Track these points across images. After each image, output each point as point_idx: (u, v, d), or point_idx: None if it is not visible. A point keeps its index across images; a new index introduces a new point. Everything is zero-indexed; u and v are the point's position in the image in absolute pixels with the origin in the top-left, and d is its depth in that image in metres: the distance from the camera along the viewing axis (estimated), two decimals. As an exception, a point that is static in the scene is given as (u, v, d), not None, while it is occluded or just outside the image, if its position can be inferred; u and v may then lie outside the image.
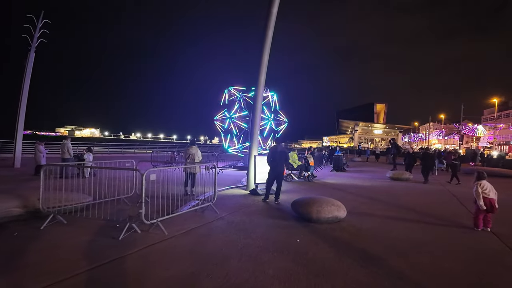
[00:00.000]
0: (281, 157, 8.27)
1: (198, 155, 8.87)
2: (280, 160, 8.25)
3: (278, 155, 8.23)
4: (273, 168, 8.27)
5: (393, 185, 12.81)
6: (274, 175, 8.28)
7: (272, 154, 8.28)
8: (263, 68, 9.76)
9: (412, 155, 15.80)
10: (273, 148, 8.46)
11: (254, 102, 9.96)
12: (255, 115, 9.91)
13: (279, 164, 8.26)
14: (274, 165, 8.24)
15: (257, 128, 9.93)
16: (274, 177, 8.32)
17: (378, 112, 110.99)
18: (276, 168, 8.25)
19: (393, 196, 10.08)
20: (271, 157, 8.26)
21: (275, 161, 8.21)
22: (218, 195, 9.02)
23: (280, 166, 8.29)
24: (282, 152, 8.34)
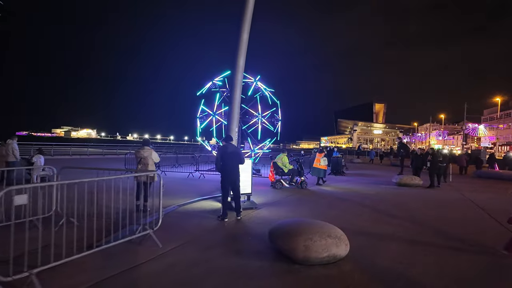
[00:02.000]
0: (234, 159, 6.29)
1: (153, 158, 6.79)
2: (233, 164, 6.29)
3: (230, 157, 6.25)
4: (225, 175, 6.30)
5: (402, 193, 10.76)
6: (227, 183, 6.33)
7: (222, 156, 6.28)
8: (242, 48, 7.73)
9: (420, 157, 13.77)
10: (222, 149, 6.43)
11: (231, 91, 7.91)
12: (232, 108, 7.86)
13: (233, 168, 6.30)
14: (225, 170, 6.27)
15: (235, 125, 7.88)
16: (229, 186, 6.37)
17: (377, 112, 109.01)
18: (230, 174, 6.28)
19: (406, 209, 8.03)
20: (221, 161, 6.29)
21: (226, 165, 6.25)
22: (182, 210, 7.00)
23: (234, 171, 6.32)
24: (234, 153, 6.32)
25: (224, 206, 6.23)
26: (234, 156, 6.29)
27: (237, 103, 7.89)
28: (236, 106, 7.87)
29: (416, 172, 13.60)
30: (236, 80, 7.82)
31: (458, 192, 11.34)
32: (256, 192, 9.72)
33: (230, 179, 6.28)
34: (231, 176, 6.26)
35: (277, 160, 11.25)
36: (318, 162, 12.37)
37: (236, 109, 7.89)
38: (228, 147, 6.34)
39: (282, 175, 11.17)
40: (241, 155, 6.41)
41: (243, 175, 7.40)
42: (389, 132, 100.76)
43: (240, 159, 6.37)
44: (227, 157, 6.22)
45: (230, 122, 7.83)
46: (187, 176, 13.70)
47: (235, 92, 7.84)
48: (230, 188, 6.38)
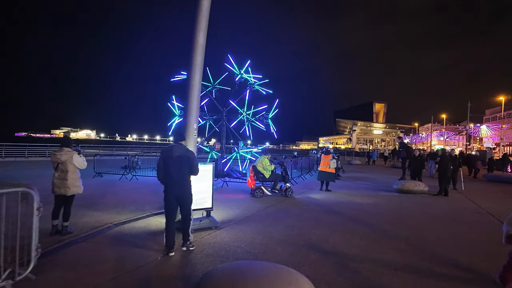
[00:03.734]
0: (182, 167, 4.53)
1: (75, 164, 5.10)
2: (181, 173, 4.52)
3: (176, 163, 4.48)
4: (170, 188, 4.51)
5: (405, 203, 9.06)
6: (173, 198, 4.51)
7: (165, 162, 4.52)
8: (202, 20, 6.06)
9: (418, 159, 12.07)
10: (166, 152, 4.60)
11: (188, 76, 6.21)
12: (189, 98, 6.17)
13: (181, 179, 4.53)
14: (170, 182, 4.50)
15: (194, 119, 6.18)
16: (175, 203, 4.56)
17: (377, 112, 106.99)
18: (176, 187, 4.49)
19: (410, 225, 6.33)
20: (163, 168, 4.53)
21: (171, 175, 4.46)
22: (117, 232, 5.30)
23: (182, 183, 4.55)
24: (183, 158, 4.54)
25: (168, 233, 4.48)
26: (183, 163, 4.53)
27: (196, 92, 6.20)
28: (194, 95, 6.18)
29: (415, 176, 11.90)
30: (195, 61, 6.13)
31: (471, 201, 9.64)
32: (229, 202, 8.07)
33: (177, 194, 4.51)
34: (177, 189, 4.50)
35: (257, 163, 9.57)
36: (326, 165, 10.77)
37: (194, 100, 6.19)
38: (174, 150, 4.55)
39: (263, 181, 9.47)
40: (192, 161, 4.65)
41: (202, 185, 5.76)
42: (390, 132, 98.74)
43: (191, 167, 4.61)
44: (172, 164, 4.46)
45: (187, 116, 6.14)
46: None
47: (192, 77, 6.15)
48: (177, 208, 4.63)
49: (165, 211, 4.55)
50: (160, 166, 4.56)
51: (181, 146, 4.68)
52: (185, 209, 4.63)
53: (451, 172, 10.81)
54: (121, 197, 8.38)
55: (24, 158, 21.15)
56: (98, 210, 6.87)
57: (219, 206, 7.55)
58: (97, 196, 8.63)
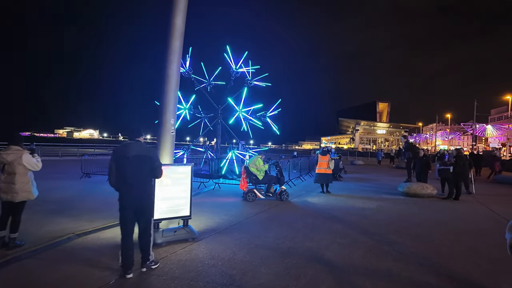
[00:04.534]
0: (141, 167, 3.72)
1: (25, 164, 4.32)
2: (139, 177, 3.70)
3: (133, 164, 3.67)
4: (125, 194, 3.66)
5: (412, 209, 8.23)
6: (129, 208, 3.67)
7: (118, 163, 3.68)
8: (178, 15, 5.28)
9: (424, 160, 11.19)
10: (120, 151, 3.77)
11: (163, 63, 5.42)
12: (166, 89, 5.38)
13: (139, 184, 3.71)
14: (125, 186, 3.66)
15: (171, 114, 5.40)
16: (132, 216, 3.71)
17: (381, 111, 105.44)
18: (132, 192, 3.65)
19: (418, 235, 5.50)
20: (116, 170, 3.68)
21: (126, 180, 3.64)
22: (76, 244, 4.52)
23: (141, 187, 3.71)
24: (141, 158, 3.72)
25: (125, 251, 3.63)
26: (142, 164, 3.72)
27: (173, 82, 5.41)
28: (171, 86, 5.39)
29: (420, 177, 11.02)
30: (172, 47, 5.35)
31: (485, 207, 8.77)
32: (217, 207, 7.30)
33: (134, 202, 3.67)
34: (135, 196, 3.66)
35: (249, 164, 8.77)
36: (324, 167, 9.97)
37: (172, 92, 5.41)
38: (130, 148, 3.71)
39: (257, 183, 8.68)
40: (154, 162, 3.83)
41: (178, 190, 4.98)
42: (393, 132, 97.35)
43: (152, 168, 3.82)
44: (128, 165, 3.65)
45: (163, 110, 5.35)
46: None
47: (169, 66, 5.36)
48: (135, 220, 3.78)
49: (120, 224, 3.74)
50: (112, 169, 3.70)
51: (139, 143, 3.86)
52: (144, 221, 3.81)
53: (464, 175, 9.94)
54: (100, 200, 7.63)
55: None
56: (69, 216, 6.14)
57: (204, 212, 6.78)
58: (76, 199, 7.92)
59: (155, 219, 4.76)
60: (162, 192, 4.85)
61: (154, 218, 4.75)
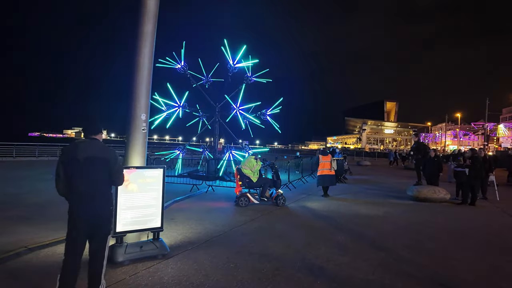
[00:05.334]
0: (96, 172, 2.99)
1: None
2: (92, 182, 2.97)
3: (85, 167, 2.93)
4: (76, 205, 2.91)
5: (423, 216, 7.35)
6: (80, 222, 2.90)
7: (66, 166, 2.94)
8: None
9: (435, 161, 10.27)
10: (70, 151, 2.99)
11: (133, 50, 4.68)
12: (135, 80, 4.63)
13: (93, 191, 2.97)
14: (75, 195, 2.91)
15: (143, 107, 4.65)
16: (83, 227, 2.92)
17: (389, 111, 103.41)
18: (84, 203, 2.92)
19: (433, 250, 4.66)
20: (64, 175, 2.93)
21: (75, 187, 2.91)
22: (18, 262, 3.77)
23: (95, 197, 2.97)
24: (97, 160, 3.00)
25: (66, 274, 2.88)
26: (97, 167, 2.99)
27: (145, 72, 4.66)
28: (143, 76, 4.64)
29: (431, 180, 10.11)
30: (143, 30, 4.60)
31: (507, 214, 7.85)
32: (203, 214, 6.55)
33: (87, 216, 2.92)
34: (88, 208, 2.92)
35: (242, 165, 7.99)
36: (326, 168, 9.19)
37: (143, 83, 4.65)
38: (82, 149, 2.98)
39: (250, 186, 7.90)
40: (113, 165, 3.07)
41: (147, 197, 4.23)
42: (401, 131, 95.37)
43: (111, 173, 3.07)
44: (79, 170, 2.92)
45: (133, 103, 4.61)
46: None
47: (139, 52, 4.62)
48: (86, 237, 3.01)
49: (66, 241, 3.00)
50: (59, 173, 2.98)
51: (94, 142, 3.12)
52: (98, 240, 3.06)
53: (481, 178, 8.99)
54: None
55: (35, 158, 20.80)
56: (34, 224, 5.46)
57: (187, 220, 6.03)
58: (51, 204, 7.22)
59: (117, 232, 4.04)
60: (127, 200, 4.11)
61: (116, 231, 4.03)
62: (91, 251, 3.06)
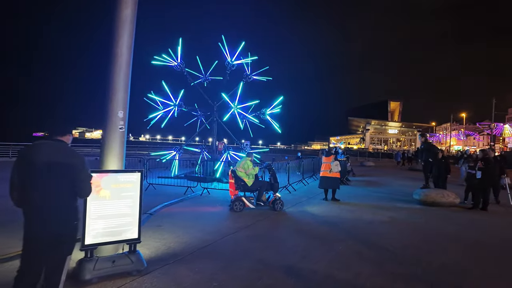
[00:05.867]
0: (58, 180, 2.50)
1: None
2: (52, 192, 2.47)
3: (44, 174, 2.44)
4: (32, 219, 2.44)
5: (432, 222, 6.80)
6: (37, 239, 2.43)
7: (21, 172, 2.47)
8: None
9: (443, 162, 9.70)
10: (25, 155, 2.51)
11: (110, 38, 4.20)
12: (112, 72, 4.15)
13: (53, 203, 2.48)
14: (31, 207, 2.44)
15: (117, 107, 4.17)
16: (40, 245, 2.45)
17: (393, 111, 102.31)
18: (40, 216, 2.44)
19: (447, 266, 4.13)
20: (19, 182, 2.47)
21: (30, 197, 2.44)
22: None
23: (56, 210, 2.48)
24: (60, 165, 2.52)
25: None
26: (59, 175, 2.52)
27: (123, 63, 4.18)
28: (120, 68, 4.16)
29: (438, 183, 9.55)
30: (121, 16, 4.12)
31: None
32: (193, 220, 6.05)
33: (44, 232, 2.46)
34: (45, 224, 2.46)
35: (237, 167, 7.49)
36: (327, 169, 8.66)
37: (120, 75, 4.17)
38: (38, 152, 2.51)
39: (245, 190, 7.39)
40: (78, 172, 2.59)
41: (121, 205, 3.75)
42: (406, 131, 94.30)
43: (74, 182, 2.59)
44: (34, 177, 2.46)
45: (109, 99, 4.13)
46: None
47: (116, 43, 4.13)
48: (43, 255, 2.51)
49: (21, 259, 2.53)
50: (14, 180, 2.53)
51: (59, 145, 2.64)
52: (55, 261, 2.58)
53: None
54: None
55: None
56: (5, 232, 5.00)
57: (174, 227, 5.55)
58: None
59: (86, 245, 3.55)
60: (98, 208, 3.63)
61: (85, 244, 3.55)
62: (47, 272, 2.58)
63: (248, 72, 13.34)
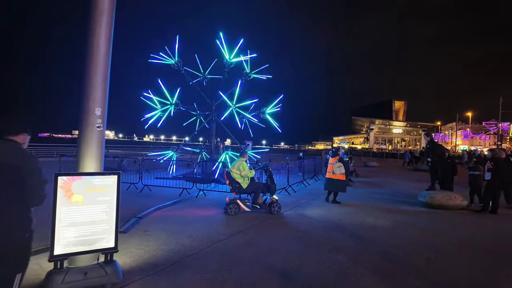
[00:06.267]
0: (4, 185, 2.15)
1: None
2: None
3: None
4: None
5: (439, 227, 6.38)
6: None
7: None
8: None
9: (449, 162, 9.23)
10: None
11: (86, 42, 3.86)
12: (87, 73, 3.81)
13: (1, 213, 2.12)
14: None
15: (94, 104, 3.83)
16: None
17: (397, 110, 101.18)
18: None
19: (458, 278, 3.73)
20: None
21: None
22: None
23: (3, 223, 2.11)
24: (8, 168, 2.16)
25: None
26: (2, 178, 2.17)
27: (100, 55, 3.84)
28: (98, 60, 3.82)
29: (444, 184, 9.10)
30: (98, 5, 3.77)
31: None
32: (183, 225, 5.70)
33: None
34: None
35: (232, 168, 7.12)
36: (331, 170, 8.33)
37: (99, 69, 3.83)
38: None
39: (240, 192, 7.03)
40: (27, 177, 2.23)
41: (96, 210, 3.41)
42: (411, 131, 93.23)
43: (23, 187, 2.24)
44: None
45: (85, 94, 3.79)
46: (127, 188, 9.83)
47: (93, 33, 3.79)
48: None
49: None
50: None
51: (8, 145, 2.30)
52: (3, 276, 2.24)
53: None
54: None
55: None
56: None
57: (162, 232, 5.20)
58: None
59: (56, 255, 3.22)
60: (69, 214, 3.30)
61: (54, 254, 3.21)
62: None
63: (247, 70, 13.00)
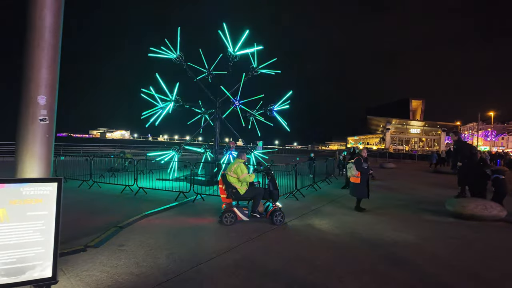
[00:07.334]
0: None
1: None
2: None
3: None
4: None
5: (475, 244, 5.27)
6: None
7: None
8: None
9: (481, 165, 8.00)
10: None
11: (28, 24, 3.05)
12: (29, 57, 3.01)
13: None
14: None
15: (35, 91, 3.03)
16: None
17: (415, 109, 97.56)
18: None
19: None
20: None
21: None
22: None
23: None
24: None
25: None
26: None
27: (46, 30, 3.03)
28: (42, 37, 3.02)
29: (475, 190, 7.91)
30: None
31: None
32: (170, 237, 4.82)
33: None
34: None
35: (228, 171, 6.22)
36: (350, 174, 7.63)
37: (44, 47, 3.03)
38: None
39: (238, 198, 6.11)
40: None
41: (27, 229, 2.59)
42: (429, 131, 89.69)
43: None
44: None
45: (25, 78, 2.99)
46: (121, 190, 9.13)
47: (38, 15, 2.99)
48: None
49: None
50: None
51: None
52: None
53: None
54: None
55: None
56: None
57: (142, 247, 4.36)
58: None
59: None
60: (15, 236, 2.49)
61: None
62: None
63: (254, 65, 12.11)
